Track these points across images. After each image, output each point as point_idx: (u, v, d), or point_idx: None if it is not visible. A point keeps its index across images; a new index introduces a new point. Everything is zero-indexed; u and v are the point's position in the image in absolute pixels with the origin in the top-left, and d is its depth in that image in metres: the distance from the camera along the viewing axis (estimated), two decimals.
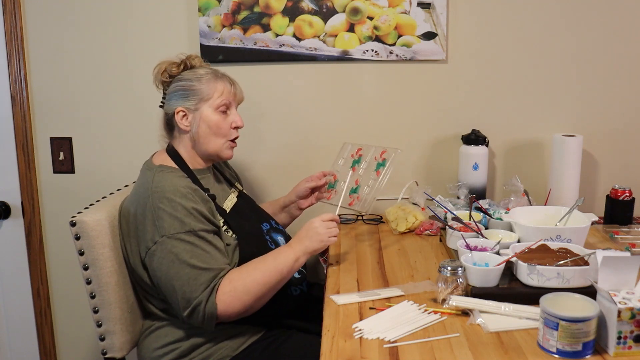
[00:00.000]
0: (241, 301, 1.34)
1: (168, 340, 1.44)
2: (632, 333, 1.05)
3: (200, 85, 1.48)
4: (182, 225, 1.34)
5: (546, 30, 1.88)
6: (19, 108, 1.98)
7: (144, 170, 1.51)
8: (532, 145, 1.95)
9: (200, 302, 1.31)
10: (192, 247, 1.34)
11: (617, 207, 1.75)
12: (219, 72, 1.53)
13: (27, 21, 1.94)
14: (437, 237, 1.75)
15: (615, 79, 1.90)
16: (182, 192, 1.38)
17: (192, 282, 1.32)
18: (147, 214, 1.37)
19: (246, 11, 1.89)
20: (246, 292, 1.34)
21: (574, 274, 1.22)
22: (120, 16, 1.92)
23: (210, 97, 1.48)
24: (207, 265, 1.33)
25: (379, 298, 1.32)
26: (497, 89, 1.92)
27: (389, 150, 1.56)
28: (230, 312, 1.34)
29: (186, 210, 1.36)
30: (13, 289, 2.11)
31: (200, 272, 1.32)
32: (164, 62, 1.54)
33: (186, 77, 1.50)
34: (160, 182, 1.40)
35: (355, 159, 1.64)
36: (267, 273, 1.36)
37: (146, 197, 1.39)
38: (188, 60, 1.55)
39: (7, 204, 2.05)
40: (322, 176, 1.73)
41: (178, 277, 1.33)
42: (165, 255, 1.34)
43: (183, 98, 1.49)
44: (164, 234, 1.34)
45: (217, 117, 1.49)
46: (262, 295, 1.37)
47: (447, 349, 1.10)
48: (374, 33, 1.88)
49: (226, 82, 1.51)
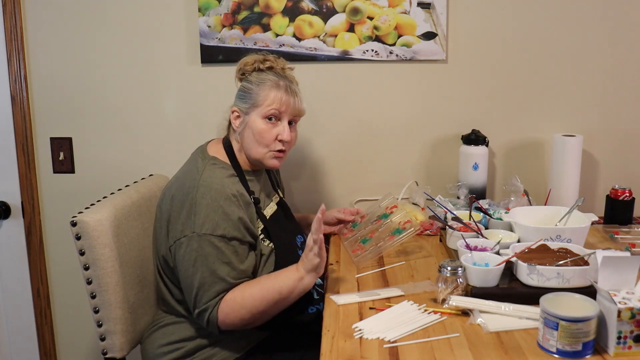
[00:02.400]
0: (238, 314, 1.33)
1: (175, 338, 1.45)
2: (632, 333, 1.05)
3: (257, 90, 1.46)
4: (216, 228, 1.33)
5: (546, 30, 1.88)
6: (19, 108, 1.98)
7: (195, 156, 1.50)
8: (532, 145, 1.96)
9: (207, 308, 1.32)
10: (218, 253, 1.33)
11: (617, 207, 1.75)
12: (282, 82, 1.47)
13: (27, 21, 1.94)
14: (437, 237, 1.75)
15: (615, 79, 1.90)
16: (227, 194, 1.36)
17: (206, 287, 1.32)
18: (186, 204, 1.36)
19: (246, 11, 1.89)
20: (243, 306, 1.32)
21: (574, 274, 1.22)
22: (121, 16, 1.92)
23: (261, 104, 1.45)
24: (225, 276, 1.33)
25: (379, 298, 1.32)
26: (497, 89, 1.93)
27: (413, 222, 1.58)
28: (228, 322, 1.33)
29: (225, 215, 1.35)
30: (13, 289, 2.11)
31: (217, 281, 1.32)
32: (245, 59, 1.53)
33: (251, 79, 1.49)
34: (209, 178, 1.39)
35: (385, 213, 1.65)
36: (265, 290, 1.33)
37: (191, 186, 1.38)
38: (264, 62, 1.51)
39: (7, 204, 2.05)
40: (355, 214, 1.72)
41: (196, 277, 1.33)
42: (191, 251, 1.33)
43: (241, 99, 1.49)
44: (195, 231, 1.33)
45: (264, 125, 1.45)
46: (258, 311, 1.33)
47: (447, 349, 1.10)
48: (374, 33, 1.88)
49: (283, 92, 1.45)
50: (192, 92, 1.97)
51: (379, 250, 1.55)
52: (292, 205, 2.00)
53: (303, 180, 2.02)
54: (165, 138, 2.00)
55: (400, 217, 1.60)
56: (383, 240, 1.56)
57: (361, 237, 1.60)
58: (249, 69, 1.51)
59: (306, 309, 1.49)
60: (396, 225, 1.58)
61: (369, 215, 1.71)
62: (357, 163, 1.99)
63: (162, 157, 2.00)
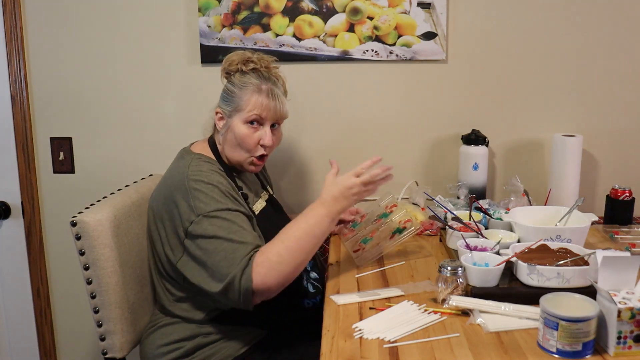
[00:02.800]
0: (277, 271, 1.28)
1: (173, 338, 1.45)
2: (632, 333, 1.05)
3: (240, 94, 1.47)
4: (218, 204, 1.35)
5: (546, 30, 1.88)
6: (19, 108, 1.98)
7: (180, 156, 1.52)
8: (532, 145, 1.96)
9: (234, 277, 1.26)
10: (228, 224, 1.33)
11: (617, 207, 1.75)
12: (265, 85, 1.47)
13: (27, 21, 1.94)
14: (437, 237, 1.75)
15: (616, 79, 1.90)
16: (218, 179, 1.39)
17: (229, 256, 1.29)
18: (182, 196, 1.37)
19: (246, 11, 1.89)
20: (281, 262, 1.28)
21: (574, 274, 1.22)
22: (121, 16, 1.92)
23: (243, 109, 1.46)
24: (243, 239, 1.31)
25: (379, 298, 1.32)
26: (497, 89, 1.92)
27: (414, 221, 1.58)
28: (268, 283, 1.28)
29: (222, 193, 1.37)
30: (13, 289, 2.11)
31: (238, 246, 1.30)
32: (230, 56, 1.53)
33: (234, 81, 1.49)
34: (196, 167, 1.41)
35: (385, 213, 1.65)
36: (301, 238, 1.31)
37: (181, 178, 1.39)
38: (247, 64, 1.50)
39: (7, 204, 2.05)
40: (355, 213, 1.72)
41: (216, 253, 1.30)
42: (202, 233, 1.33)
43: (224, 101, 1.50)
44: (200, 213, 1.34)
45: (246, 130, 1.46)
46: (298, 262, 1.31)
47: (447, 349, 1.10)
48: (374, 33, 1.88)
49: (264, 97, 1.46)
50: (192, 92, 1.97)
51: (380, 249, 1.56)
52: (291, 206, 2.00)
53: (303, 180, 2.02)
54: (165, 138, 2.00)
55: (400, 216, 1.60)
56: (384, 240, 1.56)
57: (362, 237, 1.60)
58: (233, 69, 1.52)
59: (302, 303, 1.49)
60: (397, 224, 1.58)
61: (368, 215, 1.71)
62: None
63: (162, 157, 1.99)
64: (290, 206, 2.00)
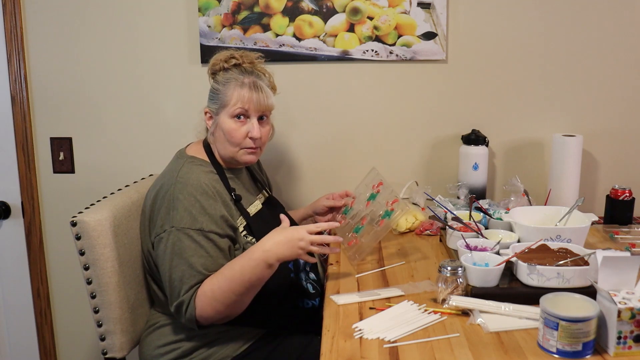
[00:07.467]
0: (211, 307, 1.32)
1: (171, 339, 1.45)
2: (632, 333, 1.05)
3: (224, 90, 1.47)
4: (194, 222, 1.35)
5: (546, 30, 1.87)
6: (19, 108, 1.98)
7: (175, 158, 1.53)
8: (532, 145, 1.95)
9: (183, 301, 1.32)
10: (196, 247, 1.34)
11: (617, 207, 1.75)
12: (247, 79, 1.47)
13: (27, 21, 1.94)
14: (437, 237, 1.75)
15: (615, 79, 1.90)
16: (204, 189, 1.39)
17: (184, 280, 1.32)
18: (165, 201, 1.38)
19: (246, 11, 1.89)
20: (214, 299, 1.31)
21: (574, 274, 1.22)
22: (120, 16, 1.92)
23: (228, 104, 1.47)
24: (203, 269, 1.33)
25: (379, 298, 1.32)
26: (497, 89, 1.92)
27: (400, 201, 1.56)
28: (205, 316, 1.32)
29: (203, 209, 1.36)
30: (13, 289, 2.11)
31: (194, 274, 1.33)
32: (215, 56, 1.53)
33: (218, 79, 1.50)
34: (186, 174, 1.41)
35: (373, 193, 1.63)
36: (234, 281, 1.31)
37: (169, 184, 1.40)
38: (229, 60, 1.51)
39: (7, 204, 2.05)
40: (344, 196, 1.71)
41: (174, 271, 1.34)
42: (169, 245, 1.35)
43: (211, 100, 1.51)
44: (174, 225, 1.35)
45: (233, 125, 1.47)
46: (231, 303, 1.32)
47: (447, 349, 1.10)
48: (374, 33, 1.88)
49: (247, 90, 1.45)
50: (192, 92, 1.97)
51: (375, 237, 1.54)
52: (290, 205, 2.00)
53: (303, 180, 2.02)
54: (165, 138, 2.00)
55: (385, 197, 1.58)
56: (376, 226, 1.55)
57: (354, 226, 1.59)
58: (217, 69, 1.52)
59: (301, 304, 1.49)
60: (383, 206, 1.57)
61: (358, 197, 1.69)
62: (357, 163, 1.99)
63: (162, 157, 1.98)
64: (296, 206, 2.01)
